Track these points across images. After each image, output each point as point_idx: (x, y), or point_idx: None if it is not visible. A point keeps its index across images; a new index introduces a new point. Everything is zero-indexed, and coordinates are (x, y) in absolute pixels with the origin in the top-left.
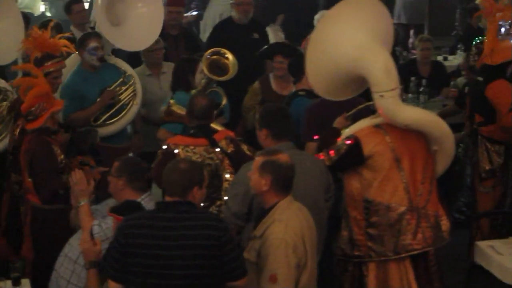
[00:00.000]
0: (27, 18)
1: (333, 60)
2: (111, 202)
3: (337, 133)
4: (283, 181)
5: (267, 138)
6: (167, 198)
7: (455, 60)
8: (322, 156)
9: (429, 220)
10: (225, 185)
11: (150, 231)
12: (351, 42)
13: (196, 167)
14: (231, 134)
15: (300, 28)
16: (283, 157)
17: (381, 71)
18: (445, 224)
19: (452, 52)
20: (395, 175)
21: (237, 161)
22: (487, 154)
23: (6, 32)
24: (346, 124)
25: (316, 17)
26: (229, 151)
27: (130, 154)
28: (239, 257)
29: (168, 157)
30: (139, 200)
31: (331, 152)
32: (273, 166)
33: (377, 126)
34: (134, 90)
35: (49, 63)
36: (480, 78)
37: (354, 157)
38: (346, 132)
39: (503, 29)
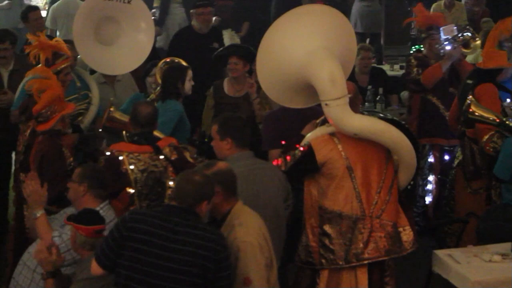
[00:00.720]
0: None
1: (282, 65)
2: (69, 211)
3: (302, 140)
4: (232, 187)
5: (231, 147)
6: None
7: None
8: (279, 161)
9: (384, 229)
10: (169, 192)
11: (153, 229)
12: (300, 48)
13: (209, 182)
14: (175, 141)
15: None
16: (222, 165)
17: (326, 79)
18: (406, 234)
19: None
20: (347, 183)
21: (181, 168)
22: (471, 155)
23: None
24: None
25: None
26: (172, 158)
27: None
28: (230, 277)
29: (111, 163)
30: (97, 208)
31: (288, 158)
32: (219, 176)
33: (331, 134)
34: (85, 109)
35: (59, 60)
36: (469, 81)
37: (308, 163)
38: (304, 139)
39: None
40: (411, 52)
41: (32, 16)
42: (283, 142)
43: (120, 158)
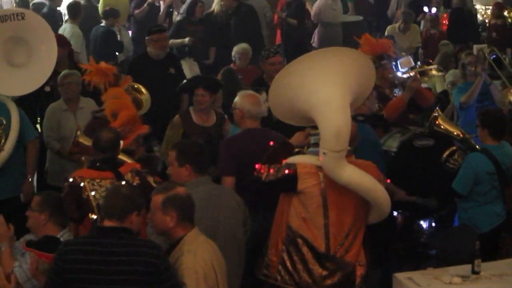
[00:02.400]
0: None
1: (295, 97)
2: (28, 238)
3: (290, 150)
4: (188, 213)
5: (190, 173)
6: (106, 223)
7: None
8: (262, 168)
9: (345, 269)
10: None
11: (89, 256)
12: (318, 90)
13: (136, 193)
14: (137, 166)
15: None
16: (181, 190)
17: (332, 132)
18: (359, 269)
19: None
20: (319, 220)
21: (143, 193)
22: None
23: None
24: (304, 142)
25: (235, 49)
26: (134, 183)
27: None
28: (175, 286)
29: (74, 190)
30: (58, 236)
31: (271, 170)
32: (176, 201)
33: (318, 168)
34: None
35: (122, 81)
36: None
37: (288, 186)
38: (292, 159)
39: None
40: None
41: None
42: (271, 143)
43: (82, 184)
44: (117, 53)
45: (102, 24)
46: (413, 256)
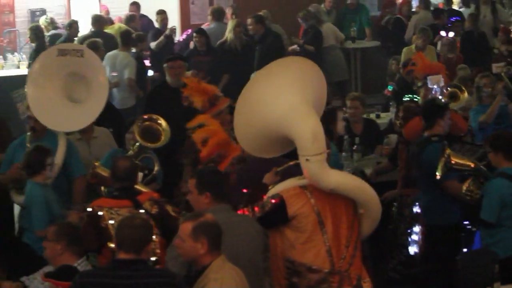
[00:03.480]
0: None
1: (261, 119)
2: (47, 270)
3: (265, 189)
4: (218, 240)
5: (209, 201)
6: (121, 255)
7: (387, 117)
8: (246, 211)
9: (351, 283)
10: (152, 246)
11: None
12: (279, 103)
13: (148, 223)
14: (155, 195)
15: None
16: (209, 217)
17: (308, 136)
18: (367, 286)
19: (385, 109)
20: (318, 238)
21: (162, 222)
22: None
23: None
24: (275, 180)
25: (252, 76)
26: (153, 212)
27: None
28: None
29: (92, 219)
30: (75, 264)
31: (256, 208)
32: (206, 228)
33: (302, 187)
34: None
35: (219, 101)
36: None
37: (278, 216)
38: (272, 190)
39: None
40: (405, 100)
41: None
42: (244, 191)
43: (100, 213)
44: None
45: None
46: (428, 280)
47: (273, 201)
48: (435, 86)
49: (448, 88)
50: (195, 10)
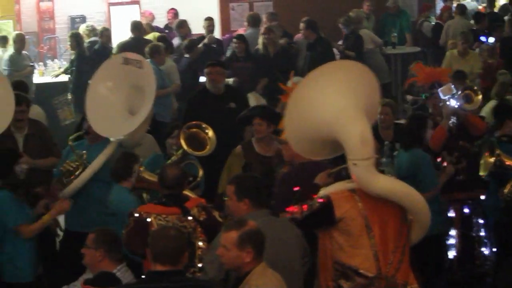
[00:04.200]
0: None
1: (311, 121)
2: (86, 277)
3: (317, 189)
4: (262, 247)
5: (249, 207)
6: (158, 267)
7: None
8: (296, 208)
9: None
10: (199, 252)
11: None
12: (331, 105)
13: (183, 234)
14: (203, 201)
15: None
16: (253, 224)
17: (357, 140)
18: None
19: None
20: (365, 242)
21: (210, 228)
22: None
23: None
24: (328, 181)
25: (294, 79)
26: (201, 218)
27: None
28: None
29: (140, 224)
30: (115, 271)
31: (304, 207)
32: (251, 236)
33: (351, 191)
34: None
35: None
36: None
37: (325, 216)
38: (321, 192)
39: None
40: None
41: None
42: (296, 188)
43: (148, 219)
44: None
45: None
46: (468, 284)
47: (320, 200)
48: (448, 97)
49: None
50: (235, 16)
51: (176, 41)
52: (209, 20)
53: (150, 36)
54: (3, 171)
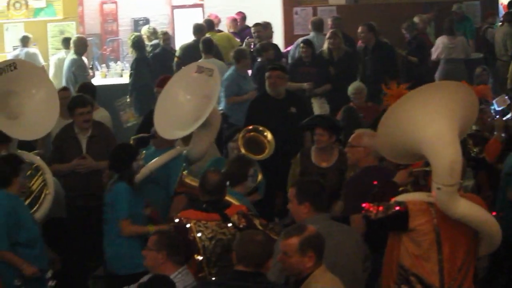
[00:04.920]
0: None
1: (407, 134)
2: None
3: (395, 189)
4: (322, 251)
5: (309, 211)
6: (241, 268)
7: None
8: (371, 207)
9: None
10: None
11: None
12: (429, 125)
13: (270, 239)
14: (243, 208)
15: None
16: (312, 229)
17: (446, 167)
18: None
19: None
20: (433, 256)
21: None
22: None
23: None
24: (408, 180)
25: (350, 88)
26: (241, 226)
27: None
28: None
29: (180, 230)
30: (176, 273)
31: (380, 208)
32: (312, 241)
33: (429, 204)
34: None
35: None
36: None
37: (398, 224)
38: (401, 197)
39: None
40: None
41: None
42: (375, 182)
43: (188, 225)
44: None
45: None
46: None
47: (397, 208)
48: (503, 107)
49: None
50: (298, 21)
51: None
52: (257, 25)
53: (215, 38)
54: (121, 166)
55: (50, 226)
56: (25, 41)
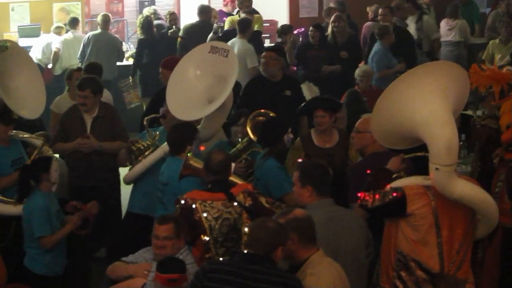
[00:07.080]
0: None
1: (400, 118)
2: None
3: (389, 176)
4: (309, 234)
5: (311, 195)
6: (250, 251)
7: None
8: (367, 196)
9: (457, 286)
10: (245, 238)
11: (234, 278)
12: (423, 106)
13: (283, 228)
14: (249, 187)
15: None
16: (299, 212)
17: (443, 146)
18: (469, 287)
19: None
20: (432, 240)
21: (256, 214)
22: None
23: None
24: (401, 167)
25: (357, 71)
26: (246, 204)
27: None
28: None
29: (186, 211)
30: (178, 254)
31: (377, 196)
32: (294, 223)
33: (426, 188)
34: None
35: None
36: None
37: (396, 209)
38: (397, 183)
39: None
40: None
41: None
42: (368, 171)
43: (194, 206)
44: None
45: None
46: None
47: (394, 194)
48: None
49: None
50: (304, 3)
51: None
52: None
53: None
54: (272, 139)
55: None
56: (74, 23)
